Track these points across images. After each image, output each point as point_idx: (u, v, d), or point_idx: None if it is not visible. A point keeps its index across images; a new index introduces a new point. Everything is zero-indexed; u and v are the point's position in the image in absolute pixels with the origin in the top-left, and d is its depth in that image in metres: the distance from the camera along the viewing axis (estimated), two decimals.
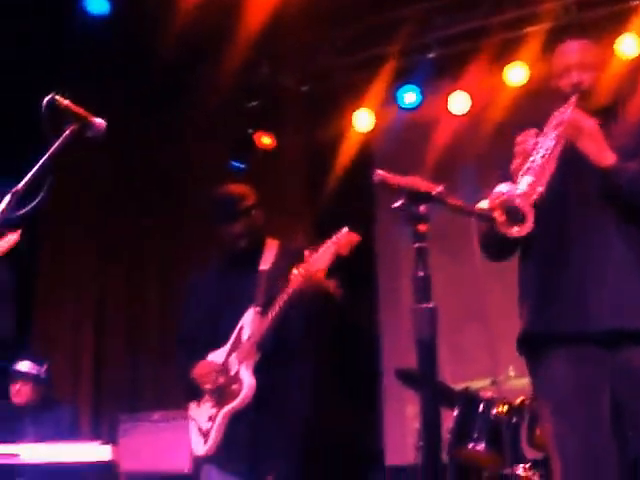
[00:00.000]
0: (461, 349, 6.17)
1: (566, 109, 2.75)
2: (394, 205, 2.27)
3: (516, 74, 6.18)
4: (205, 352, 3.65)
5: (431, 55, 6.38)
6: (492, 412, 4.43)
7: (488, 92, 6.40)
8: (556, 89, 2.91)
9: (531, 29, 6.02)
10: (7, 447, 4.72)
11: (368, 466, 6.43)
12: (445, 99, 6.49)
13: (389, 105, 6.69)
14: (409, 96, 6.57)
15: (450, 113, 6.51)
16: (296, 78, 7.01)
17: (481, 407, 4.48)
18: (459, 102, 6.46)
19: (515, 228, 2.49)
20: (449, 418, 4.52)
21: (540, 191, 2.51)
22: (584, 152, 2.71)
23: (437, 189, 2.27)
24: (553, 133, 2.68)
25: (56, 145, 2.50)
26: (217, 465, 3.59)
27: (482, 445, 4.39)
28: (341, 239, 3.46)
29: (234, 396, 3.52)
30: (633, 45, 5.72)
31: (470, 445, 4.41)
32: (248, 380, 3.51)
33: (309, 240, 3.96)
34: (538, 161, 2.60)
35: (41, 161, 2.49)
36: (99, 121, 2.57)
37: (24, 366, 5.33)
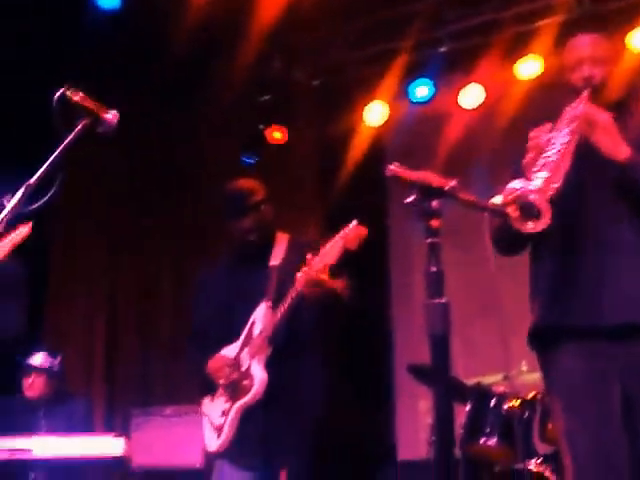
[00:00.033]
0: (473, 344, 6.16)
1: (578, 103, 2.74)
2: (406, 200, 2.26)
3: (528, 68, 6.16)
4: (217, 347, 3.65)
5: (443, 49, 6.35)
6: (504, 407, 4.43)
7: (500, 86, 6.38)
8: (568, 83, 2.89)
9: (543, 22, 5.99)
10: (20, 442, 4.74)
11: (380, 461, 6.42)
12: (457, 93, 6.47)
13: (401, 99, 6.68)
14: (421, 90, 6.56)
15: (462, 107, 6.50)
16: (308, 72, 7.00)
17: (493, 402, 4.48)
18: (471, 96, 6.44)
19: (530, 224, 2.48)
20: (461, 413, 4.51)
21: (556, 187, 2.50)
22: (598, 146, 2.69)
23: (450, 184, 2.26)
24: (567, 128, 2.66)
25: (68, 140, 2.50)
26: (229, 460, 3.59)
27: (494, 440, 4.39)
28: (349, 233, 3.43)
29: (246, 391, 3.51)
30: None
31: (482, 440, 4.41)
32: (260, 375, 3.50)
33: (320, 234, 3.94)
34: (553, 157, 2.59)
35: (53, 156, 2.50)
36: (110, 116, 2.57)
37: (37, 359, 5.35)
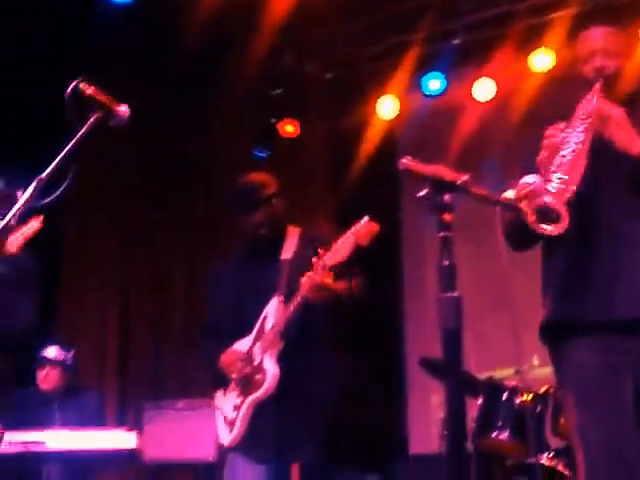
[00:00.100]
0: (485, 338, 6.15)
1: (591, 98, 2.72)
2: (419, 194, 2.25)
3: (542, 60, 6.13)
4: (229, 342, 3.65)
5: (456, 42, 6.33)
6: (516, 401, 4.41)
7: (513, 79, 6.35)
8: (580, 75, 2.88)
9: (556, 15, 5.96)
10: (34, 434, 4.77)
11: (392, 455, 6.42)
12: (470, 86, 6.45)
13: (414, 92, 6.66)
14: (434, 83, 6.54)
15: (475, 100, 6.47)
16: (320, 66, 6.99)
17: (505, 396, 4.46)
18: (484, 89, 6.41)
19: (549, 227, 2.47)
20: (473, 407, 4.50)
21: (574, 189, 2.50)
22: (612, 141, 2.68)
23: (462, 178, 2.25)
24: (581, 126, 2.65)
25: (80, 133, 2.51)
26: (242, 454, 3.59)
27: (506, 434, 4.38)
28: (361, 229, 3.41)
29: (258, 386, 3.51)
30: None
31: (494, 434, 4.40)
32: (272, 370, 3.50)
33: (332, 228, 3.93)
34: (568, 156, 2.58)
35: (65, 149, 2.50)
36: (123, 109, 2.57)
37: (51, 352, 5.37)
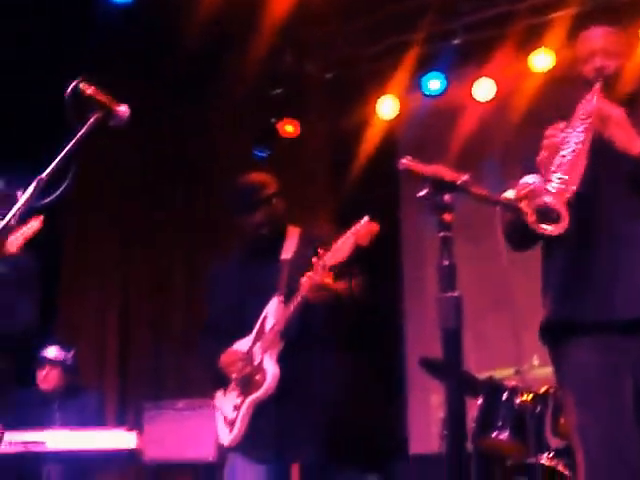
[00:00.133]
0: (485, 338, 6.15)
1: (591, 98, 2.72)
2: (419, 194, 2.26)
3: (542, 60, 6.13)
4: (230, 342, 3.65)
5: (456, 41, 6.33)
6: (516, 401, 4.41)
7: (513, 79, 6.35)
8: (580, 75, 2.88)
9: (557, 15, 5.96)
10: (34, 435, 4.77)
11: (392, 455, 6.42)
12: (470, 86, 6.45)
13: (414, 92, 6.66)
14: (434, 83, 6.54)
15: (475, 100, 6.47)
16: (320, 66, 6.99)
17: (505, 396, 4.46)
18: (484, 89, 6.41)
19: (549, 227, 2.48)
20: (473, 407, 4.50)
21: (574, 189, 2.50)
22: (612, 141, 2.68)
23: (462, 178, 2.25)
24: (581, 126, 2.65)
25: (80, 133, 2.51)
26: (242, 453, 3.59)
27: (506, 434, 4.38)
28: (361, 229, 3.41)
29: (258, 386, 3.51)
30: None
31: (494, 434, 4.40)
32: (272, 370, 3.50)
33: (332, 228, 3.93)
34: (568, 156, 2.58)
35: (65, 149, 2.50)
36: (123, 109, 2.57)
37: (52, 352, 5.36)
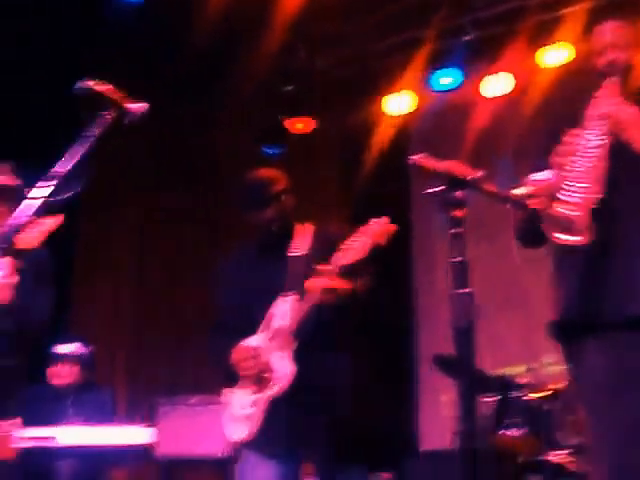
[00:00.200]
0: (497, 335, 6.14)
1: (605, 96, 2.72)
2: (431, 190, 2.25)
3: (554, 55, 6.11)
4: (239, 338, 3.64)
5: (468, 37, 6.32)
6: (528, 398, 4.41)
7: (526, 74, 6.33)
8: (595, 69, 2.88)
9: (570, 9, 5.94)
10: (48, 430, 4.78)
11: (403, 452, 6.42)
12: (482, 81, 6.43)
13: (426, 88, 6.65)
14: (446, 79, 6.52)
15: (487, 96, 6.46)
16: (331, 62, 6.98)
17: (517, 393, 4.47)
18: (496, 84, 6.40)
19: (572, 238, 2.48)
20: (485, 404, 4.50)
21: (596, 198, 2.50)
22: (630, 142, 2.68)
23: (473, 174, 2.25)
24: (597, 129, 2.65)
25: (94, 131, 2.52)
26: (255, 450, 3.59)
27: (518, 431, 4.38)
28: (377, 230, 3.41)
29: (271, 384, 3.51)
30: None
31: (506, 431, 4.40)
32: (286, 369, 3.48)
33: (344, 224, 3.92)
34: (588, 163, 2.58)
35: (81, 146, 2.51)
36: (137, 106, 2.57)
37: (67, 348, 5.38)
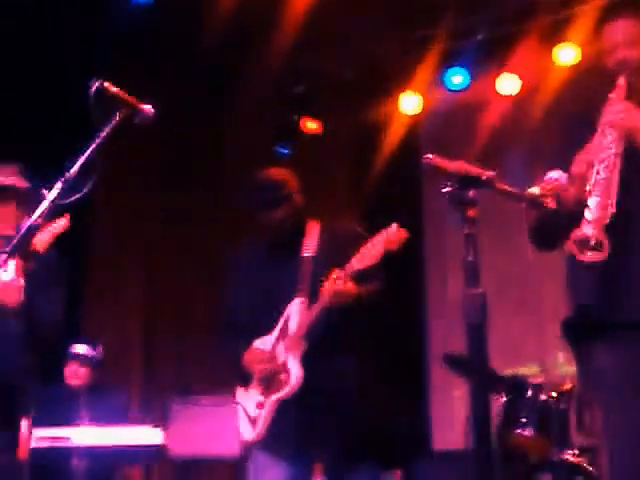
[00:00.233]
0: (509, 335, 6.12)
1: (616, 100, 2.71)
2: (443, 189, 2.25)
3: (566, 55, 6.09)
4: (250, 339, 3.64)
5: (479, 37, 6.30)
6: (540, 398, 4.40)
7: (537, 73, 6.32)
8: (605, 68, 2.87)
9: (581, 8, 5.91)
10: (61, 430, 4.80)
11: (415, 451, 6.42)
12: (494, 81, 6.42)
13: (437, 88, 6.64)
14: (457, 78, 6.52)
15: (498, 95, 6.44)
16: (342, 62, 6.97)
17: (529, 393, 4.45)
18: (508, 84, 6.39)
19: (590, 254, 2.49)
20: (497, 404, 4.49)
21: (612, 212, 2.50)
22: None
23: (487, 174, 2.25)
24: (610, 136, 2.64)
25: (105, 131, 2.52)
26: (265, 450, 3.59)
27: (530, 431, 4.36)
28: (390, 236, 3.40)
29: (282, 385, 3.50)
30: None
31: (518, 431, 4.38)
32: (296, 371, 3.48)
33: (355, 225, 3.91)
34: (603, 173, 2.58)
35: (91, 147, 2.52)
36: (148, 107, 2.58)
37: (81, 349, 5.39)
